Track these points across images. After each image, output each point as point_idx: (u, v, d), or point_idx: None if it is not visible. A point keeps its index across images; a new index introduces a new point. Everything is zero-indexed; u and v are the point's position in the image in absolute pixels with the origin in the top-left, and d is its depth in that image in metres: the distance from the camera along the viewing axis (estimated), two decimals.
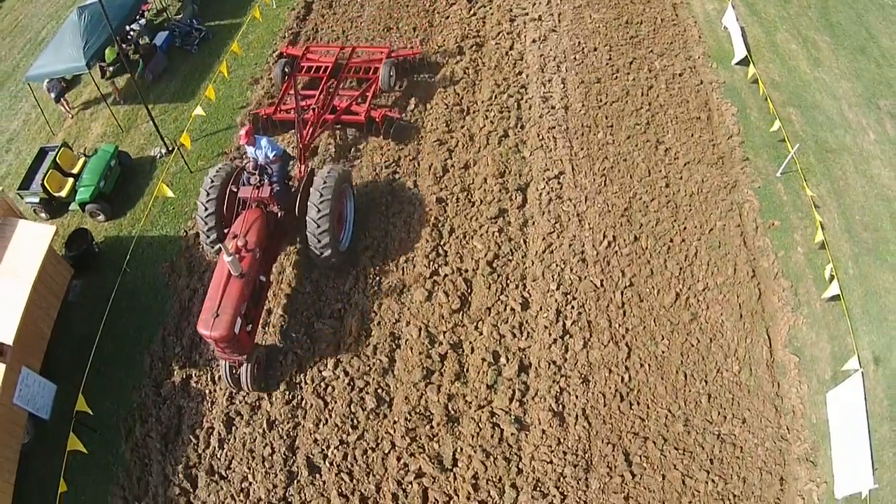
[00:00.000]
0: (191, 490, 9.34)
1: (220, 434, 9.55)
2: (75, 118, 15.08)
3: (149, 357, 10.45)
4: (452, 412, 9.51)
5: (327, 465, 9.26)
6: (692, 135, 12.88)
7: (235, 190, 10.14)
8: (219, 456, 9.43)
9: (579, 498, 9.04)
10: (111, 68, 15.28)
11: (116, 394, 10.32)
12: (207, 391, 10.00)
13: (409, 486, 9.08)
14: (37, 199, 12.62)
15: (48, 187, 12.42)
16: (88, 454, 9.51)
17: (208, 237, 10.41)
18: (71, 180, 12.68)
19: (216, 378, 10.02)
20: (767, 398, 10.01)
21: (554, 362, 9.85)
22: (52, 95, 14.59)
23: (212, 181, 10.40)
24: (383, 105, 13.76)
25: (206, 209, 10.26)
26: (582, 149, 12.51)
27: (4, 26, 19.45)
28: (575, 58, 14.68)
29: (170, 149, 13.40)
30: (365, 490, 9.12)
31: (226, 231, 9.99)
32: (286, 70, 14.20)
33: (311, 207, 10.02)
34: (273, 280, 10.74)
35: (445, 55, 15.15)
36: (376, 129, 12.92)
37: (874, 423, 9.53)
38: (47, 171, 12.51)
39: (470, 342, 10.02)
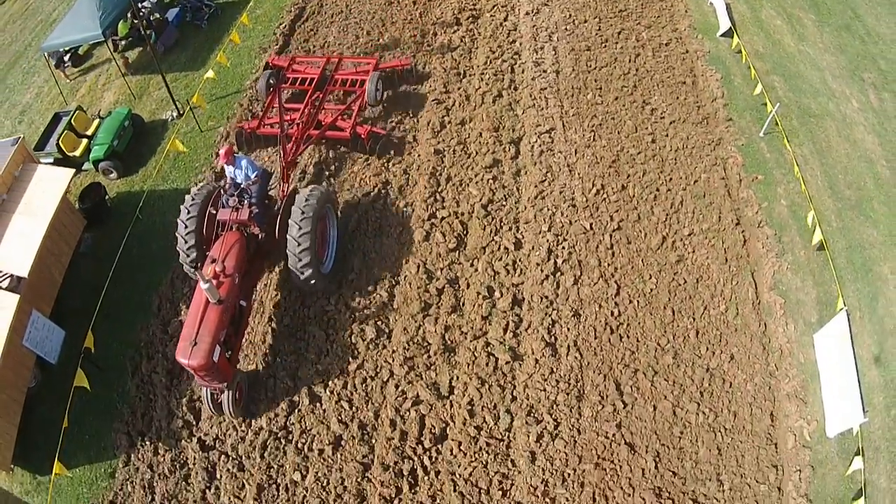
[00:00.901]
0: (193, 423, 9.58)
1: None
2: (89, 88, 15.36)
3: (157, 298, 10.76)
4: (449, 342, 9.79)
5: (328, 393, 9.46)
6: (678, 97, 13.24)
7: (214, 212, 9.80)
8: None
9: (572, 425, 9.29)
10: (123, 42, 15.71)
11: (124, 335, 10.52)
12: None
13: (407, 413, 9.31)
14: (51, 160, 12.84)
15: (63, 147, 12.70)
16: (92, 394, 9.72)
17: (188, 257, 10.01)
18: (85, 141, 13.01)
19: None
20: (754, 337, 10.23)
21: (546, 297, 10.14)
22: (53, 61, 15.17)
23: (192, 200, 10.07)
24: (370, 117, 13.07)
25: (186, 228, 9.90)
26: (572, 107, 12.88)
27: (16, 9, 20.06)
28: (566, 28, 15.03)
29: (181, 112, 13.71)
30: (364, 417, 9.37)
31: (206, 251, 9.67)
32: (271, 82, 13.60)
33: (292, 226, 9.63)
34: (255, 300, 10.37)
35: (435, 56, 14.16)
36: (362, 146, 12.31)
37: (862, 366, 9.59)
38: (62, 133, 12.81)
39: (466, 278, 10.34)
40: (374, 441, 9.12)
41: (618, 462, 9.17)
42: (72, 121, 12.98)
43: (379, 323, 9.91)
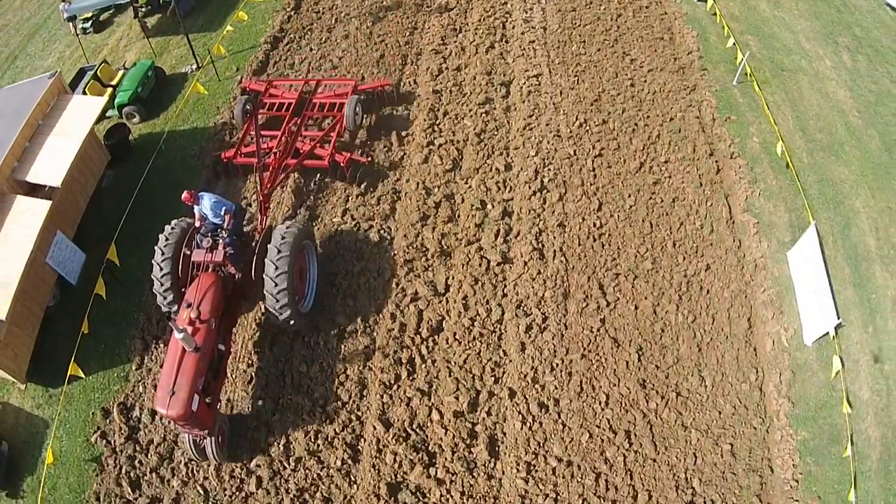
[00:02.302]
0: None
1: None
2: (111, 50, 15.96)
3: (177, 218, 11.12)
4: (445, 247, 10.43)
5: (332, 291, 10.05)
6: (656, 50, 14.04)
7: (189, 253, 9.30)
8: None
9: (559, 320, 9.89)
10: (143, 10, 16.31)
11: (143, 254, 10.81)
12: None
13: (407, 308, 9.92)
14: None
15: (89, 94, 12.99)
16: (110, 307, 10.23)
17: (165, 299, 9.46)
18: (110, 90, 13.57)
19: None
20: (729, 251, 10.85)
21: (533, 210, 10.80)
22: (65, 17, 15.60)
23: (166, 240, 9.49)
24: (348, 144, 12.27)
25: (161, 269, 9.33)
26: (558, 57, 13.67)
27: None
28: None
29: (200, 65, 14.41)
30: (366, 312, 9.98)
31: (183, 291, 9.16)
32: (247, 108, 12.78)
33: (269, 265, 9.07)
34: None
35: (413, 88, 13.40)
36: (342, 174, 11.62)
37: (838, 286, 10.10)
38: (88, 82, 13.39)
39: (461, 194, 11.03)
40: (375, 333, 9.68)
41: (603, 354, 9.76)
42: (97, 72, 13.64)
43: (381, 231, 10.58)
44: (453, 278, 10.02)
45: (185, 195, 9.12)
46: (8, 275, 9.23)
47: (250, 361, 9.57)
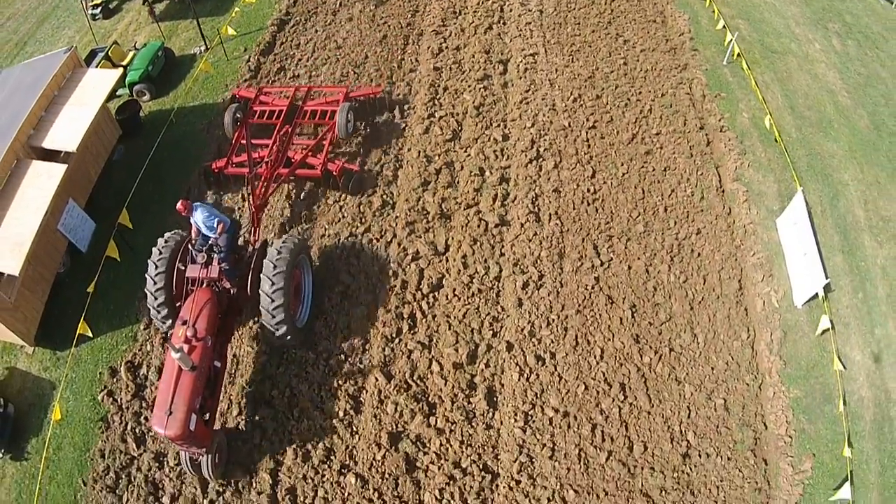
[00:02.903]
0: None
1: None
2: (121, 34, 16.11)
3: (185, 189, 11.51)
4: (445, 210, 10.65)
5: (337, 252, 10.24)
6: (648, 32, 14.32)
7: (183, 268, 9.05)
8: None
9: (555, 278, 10.09)
10: None
11: (152, 221, 11.14)
12: (236, 210, 11.01)
13: (408, 266, 10.10)
14: None
15: None
16: (120, 272, 10.38)
17: (159, 313, 9.22)
18: (121, 70, 13.62)
19: (243, 196, 10.95)
20: (720, 217, 11.06)
21: (530, 176, 11.04)
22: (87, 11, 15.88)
23: (159, 253, 9.25)
24: (342, 152, 11.95)
25: (155, 284, 9.09)
26: (553, 37, 13.97)
27: None
28: None
29: (208, 46, 14.68)
30: (369, 271, 10.17)
31: (177, 305, 9.04)
32: (238, 116, 12.38)
33: (264, 281, 8.86)
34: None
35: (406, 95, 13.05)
36: (334, 183, 11.29)
37: (827, 253, 10.31)
38: (100, 62, 13.59)
39: (460, 162, 11.27)
40: (377, 290, 9.87)
41: (597, 310, 9.96)
42: (109, 53, 13.88)
43: (384, 196, 10.83)
44: (453, 239, 10.21)
45: (179, 205, 8.84)
46: (23, 233, 9.40)
47: (256, 319, 9.68)
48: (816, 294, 9.74)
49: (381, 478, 8.58)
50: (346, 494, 8.52)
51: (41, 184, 9.93)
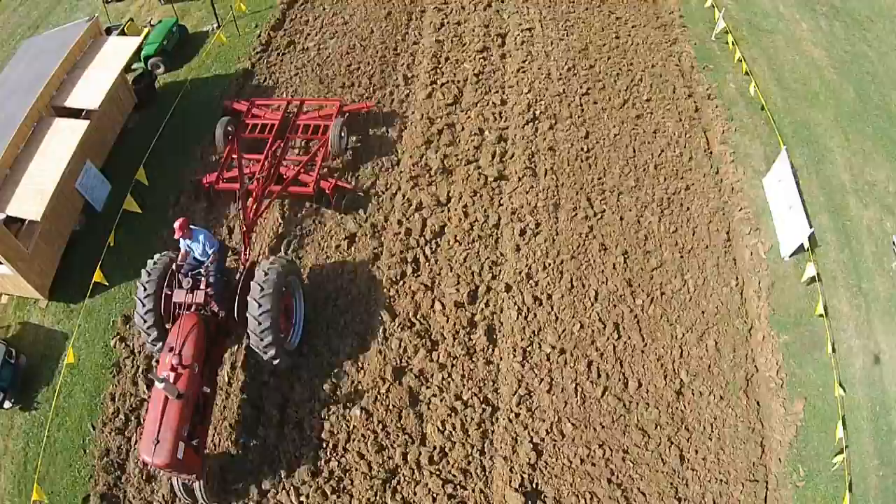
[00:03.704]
0: (228, 238, 10.60)
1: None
2: (134, 14, 16.33)
3: (200, 149, 11.85)
4: (447, 166, 10.98)
5: (342, 203, 10.48)
6: (639, 10, 14.74)
7: (170, 293, 8.76)
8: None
9: (550, 226, 10.38)
10: None
11: (168, 179, 11.43)
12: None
13: (412, 215, 10.42)
14: None
15: None
16: (135, 225, 10.61)
17: (149, 336, 8.98)
18: (140, 38, 13.73)
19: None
20: (708, 175, 11.36)
21: (526, 136, 11.36)
22: None
23: (148, 275, 8.95)
24: (335, 167, 11.49)
25: (144, 307, 8.83)
26: (549, 14, 14.39)
27: None
28: None
29: (220, 24, 15.00)
30: (375, 221, 10.51)
31: (167, 326, 8.81)
32: (229, 130, 11.92)
33: (252, 304, 8.55)
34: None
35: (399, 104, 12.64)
36: (327, 201, 10.93)
37: (813, 212, 10.53)
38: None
39: (461, 123, 11.63)
40: (383, 237, 10.21)
41: (591, 256, 10.23)
42: (124, 29, 14.23)
43: (390, 154, 11.24)
44: (454, 191, 10.53)
45: (178, 225, 8.52)
46: (45, 182, 9.74)
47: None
48: (802, 246, 10.00)
49: (386, 410, 8.77)
50: (352, 427, 8.71)
51: (64, 138, 10.29)
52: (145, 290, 8.93)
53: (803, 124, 12.02)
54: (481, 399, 8.75)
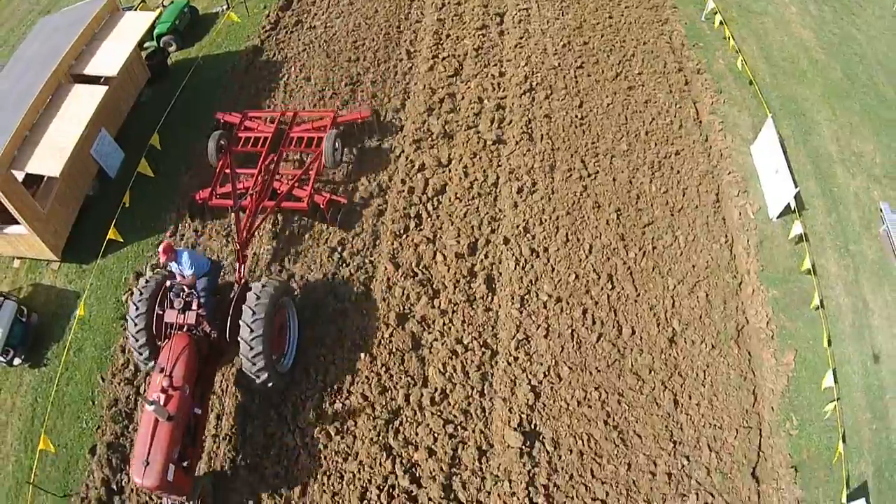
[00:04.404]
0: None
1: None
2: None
3: (212, 121, 12.01)
4: (448, 131, 11.33)
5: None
6: None
7: (161, 313, 8.63)
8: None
9: (546, 185, 10.69)
10: None
11: (181, 146, 11.80)
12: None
13: (415, 175, 10.75)
14: None
15: None
16: (148, 189, 10.95)
17: (140, 355, 8.88)
18: (155, 13, 14.10)
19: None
20: (697, 141, 11.67)
21: (523, 105, 11.71)
22: None
23: (140, 293, 8.82)
24: (329, 180, 11.24)
25: (136, 326, 8.71)
26: None
27: None
28: None
29: (230, 5, 15.42)
30: (380, 181, 10.83)
31: (159, 344, 8.70)
32: (222, 143, 11.60)
33: (244, 328, 8.44)
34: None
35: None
36: (321, 215, 10.63)
37: (800, 178, 10.81)
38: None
39: (461, 93, 11.99)
40: (387, 195, 10.55)
41: (585, 213, 10.53)
42: (137, 8, 14.55)
43: (393, 120, 11.57)
44: (455, 153, 10.86)
45: (162, 249, 8.30)
46: (64, 142, 10.08)
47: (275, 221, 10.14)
48: (789, 207, 10.25)
49: (389, 354, 9.02)
50: (356, 370, 8.98)
51: (83, 102, 10.65)
52: (136, 309, 8.79)
53: (791, 98, 12.31)
54: (481, 343, 9.00)
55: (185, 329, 8.60)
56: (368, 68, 12.69)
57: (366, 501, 8.03)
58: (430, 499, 8.03)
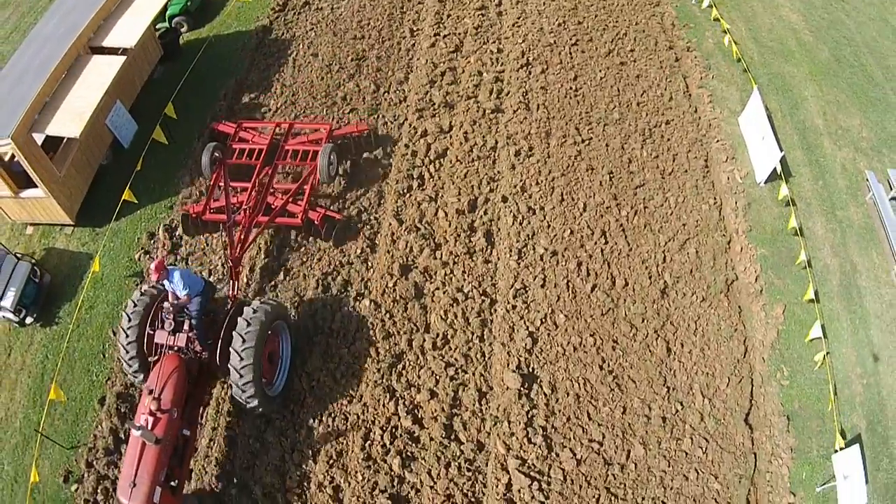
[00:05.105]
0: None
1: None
2: None
3: (224, 91, 12.67)
4: (449, 101, 11.77)
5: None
6: None
7: (152, 332, 8.51)
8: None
9: (542, 150, 11.10)
10: None
11: (194, 116, 12.28)
12: (271, 105, 12.20)
13: (418, 141, 11.17)
14: None
15: None
16: (161, 155, 11.38)
17: (130, 367, 8.79)
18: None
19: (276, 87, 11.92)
20: (687, 112, 12.08)
21: (521, 78, 12.17)
22: None
23: (134, 305, 8.73)
24: (326, 194, 11.00)
25: (127, 337, 8.62)
26: None
27: None
28: None
29: None
30: (385, 144, 11.25)
31: (150, 360, 8.56)
32: (216, 155, 11.35)
33: (233, 354, 8.33)
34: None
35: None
36: (316, 231, 10.42)
37: (787, 148, 11.17)
38: None
39: (462, 67, 12.46)
40: (391, 158, 10.98)
41: (580, 175, 10.93)
42: None
43: (396, 91, 12.02)
44: (455, 121, 11.30)
45: (154, 266, 8.11)
46: (84, 106, 10.49)
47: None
48: (776, 171, 10.61)
49: (393, 302, 9.37)
50: (361, 317, 9.33)
51: (102, 71, 11.07)
52: (129, 320, 8.68)
53: (778, 76, 12.72)
54: (481, 292, 9.34)
55: (175, 350, 8.47)
56: (373, 45, 13.15)
57: (369, 441, 8.33)
58: (431, 438, 8.32)
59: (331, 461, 8.17)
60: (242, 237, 9.78)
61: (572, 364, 8.87)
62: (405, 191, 10.23)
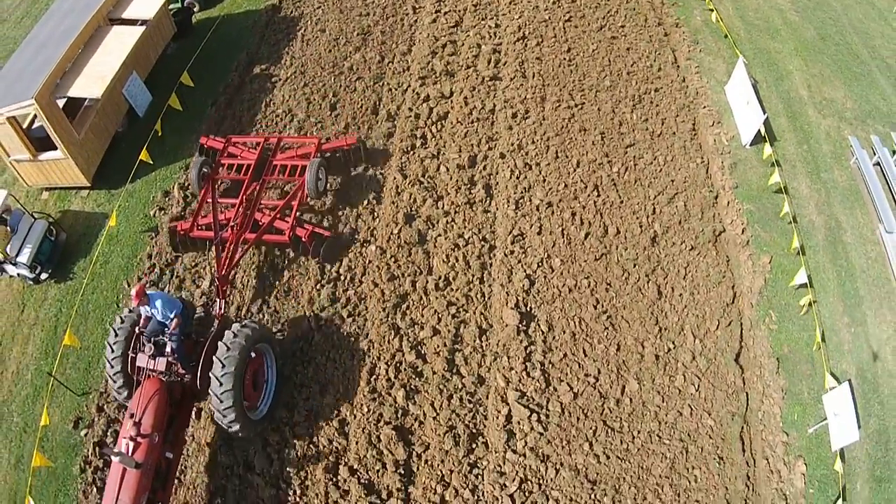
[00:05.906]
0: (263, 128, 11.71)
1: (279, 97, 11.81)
2: None
3: (236, 63, 13.26)
4: (449, 70, 12.35)
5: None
6: None
7: (133, 356, 8.42)
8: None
9: (538, 113, 11.64)
10: None
11: (206, 83, 12.77)
12: (280, 76, 12.69)
13: (420, 105, 11.71)
14: None
15: None
16: (176, 121, 11.91)
17: (120, 395, 8.77)
18: None
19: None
20: (674, 81, 12.63)
21: (517, 49, 12.77)
22: None
23: (120, 322, 8.65)
24: (314, 209, 10.78)
25: (112, 367, 8.57)
26: None
27: None
28: None
29: None
30: (390, 109, 11.75)
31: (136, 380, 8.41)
32: (205, 171, 11.20)
33: (213, 380, 8.21)
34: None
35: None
36: (304, 248, 10.19)
37: (772, 116, 11.69)
38: None
39: (462, 41, 13.06)
40: (396, 120, 11.48)
41: (573, 135, 11.45)
42: None
43: (400, 61, 12.62)
44: (456, 87, 11.86)
45: (135, 293, 8.05)
46: (105, 71, 11.11)
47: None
48: (760, 133, 11.09)
49: (398, 247, 9.82)
50: (367, 262, 9.78)
51: (122, 40, 11.68)
52: (112, 351, 8.59)
53: (763, 51, 13.26)
54: (480, 238, 9.79)
55: (156, 373, 8.35)
56: (378, 21, 13.78)
57: (374, 376, 8.76)
58: (434, 372, 8.72)
59: (337, 396, 8.56)
60: (230, 255, 9.62)
61: (568, 304, 9.31)
62: (409, 149, 10.72)
